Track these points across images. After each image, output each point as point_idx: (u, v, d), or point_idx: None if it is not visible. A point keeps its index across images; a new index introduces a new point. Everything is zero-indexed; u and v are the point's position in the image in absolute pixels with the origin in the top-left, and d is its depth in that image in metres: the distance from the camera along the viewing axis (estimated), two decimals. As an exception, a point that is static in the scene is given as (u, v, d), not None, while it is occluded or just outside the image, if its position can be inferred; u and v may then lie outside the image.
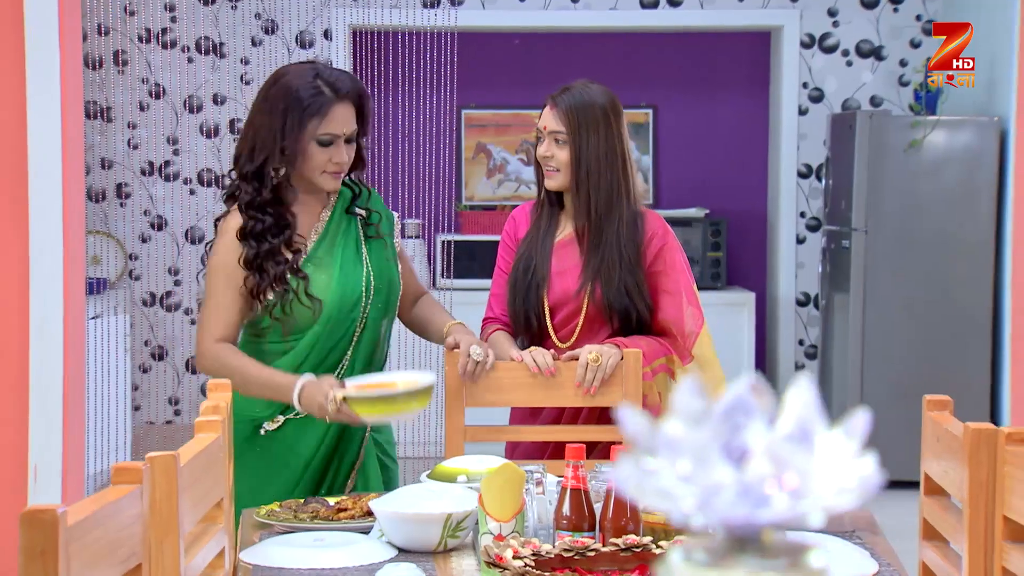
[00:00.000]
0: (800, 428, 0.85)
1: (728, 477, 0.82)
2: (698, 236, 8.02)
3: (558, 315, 3.67)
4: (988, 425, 2.28)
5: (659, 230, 3.65)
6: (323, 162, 3.41)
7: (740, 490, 0.82)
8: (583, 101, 3.59)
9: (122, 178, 8.02)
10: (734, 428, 0.84)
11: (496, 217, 8.22)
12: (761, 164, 8.52)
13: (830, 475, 0.85)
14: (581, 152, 3.58)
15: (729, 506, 0.82)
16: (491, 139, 8.54)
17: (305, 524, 2.97)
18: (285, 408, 3.45)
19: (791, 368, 8.28)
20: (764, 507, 0.83)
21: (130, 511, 2.01)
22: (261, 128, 3.41)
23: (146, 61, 7.98)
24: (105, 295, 7.46)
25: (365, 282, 3.49)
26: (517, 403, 3.59)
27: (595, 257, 3.61)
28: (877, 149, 7.30)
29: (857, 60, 8.18)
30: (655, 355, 3.58)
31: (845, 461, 0.86)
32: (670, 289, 3.62)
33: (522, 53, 8.47)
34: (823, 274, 7.85)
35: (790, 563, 0.84)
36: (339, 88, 3.42)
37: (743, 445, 0.84)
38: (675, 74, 8.53)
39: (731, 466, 0.83)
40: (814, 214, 8.22)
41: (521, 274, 3.71)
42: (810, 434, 0.85)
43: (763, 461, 0.83)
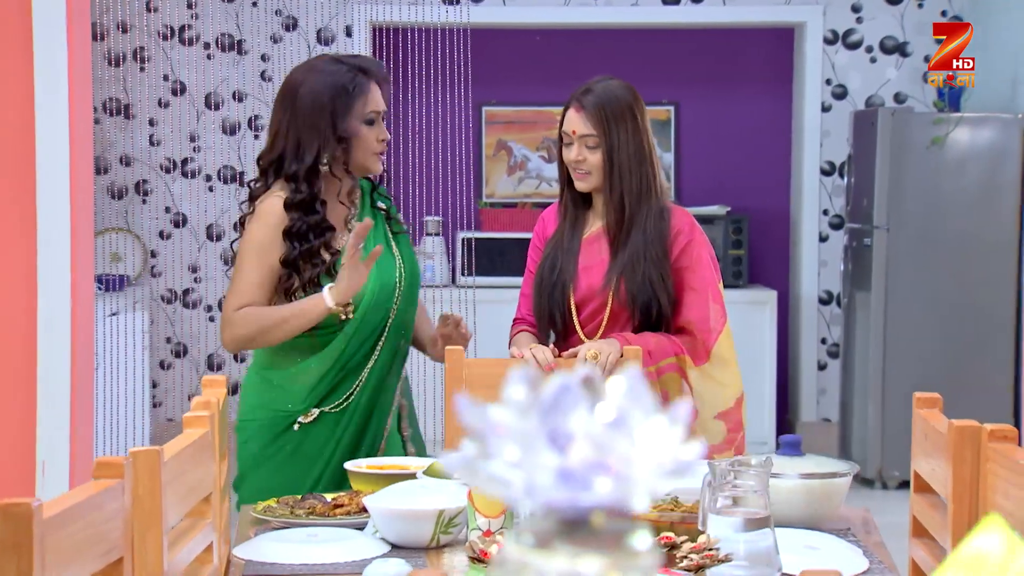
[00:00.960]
0: (621, 415, 0.89)
1: (551, 462, 0.86)
2: (720, 234, 8.03)
3: (584, 311, 3.69)
4: (972, 422, 2.29)
5: (685, 226, 3.66)
6: (373, 142, 3.52)
7: (563, 475, 0.86)
8: (608, 100, 3.59)
9: (143, 175, 8.08)
10: (558, 416, 0.87)
11: (517, 214, 8.25)
12: (784, 161, 8.53)
13: (652, 459, 0.89)
14: (613, 153, 3.59)
15: (553, 490, 0.86)
16: (512, 136, 8.56)
17: (301, 520, 3.00)
18: (320, 401, 3.54)
19: (813, 367, 8.28)
20: (587, 491, 0.87)
21: (111, 505, 2.05)
22: (305, 125, 3.49)
23: (167, 58, 8.04)
24: (125, 292, 7.53)
25: (398, 273, 3.60)
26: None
27: (623, 253, 3.63)
28: (899, 146, 7.30)
29: (881, 56, 8.17)
30: (663, 354, 3.58)
31: (667, 446, 0.90)
32: (695, 286, 3.63)
33: (542, 49, 8.49)
34: (845, 272, 7.84)
35: (613, 545, 0.88)
36: (367, 68, 3.56)
37: (567, 432, 0.87)
38: (697, 71, 8.54)
39: (555, 452, 0.86)
40: (837, 212, 8.22)
41: (547, 272, 3.74)
42: (630, 421, 0.88)
43: (584, 446, 0.87)
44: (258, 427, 3.57)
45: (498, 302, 7.66)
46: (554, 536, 0.88)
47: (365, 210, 3.65)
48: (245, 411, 3.62)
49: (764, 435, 7.89)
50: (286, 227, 3.48)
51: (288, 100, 3.53)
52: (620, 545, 0.88)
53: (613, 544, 0.88)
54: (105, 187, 8.03)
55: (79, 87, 4.24)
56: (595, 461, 0.86)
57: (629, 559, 0.87)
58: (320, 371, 3.54)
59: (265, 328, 3.44)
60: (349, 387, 3.56)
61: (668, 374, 3.59)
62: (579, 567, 0.85)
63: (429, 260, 8.05)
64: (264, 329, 3.44)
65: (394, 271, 3.60)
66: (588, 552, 0.87)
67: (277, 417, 3.54)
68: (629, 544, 0.89)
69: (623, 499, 0.88)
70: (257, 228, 3.51)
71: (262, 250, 3.49)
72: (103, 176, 8.03)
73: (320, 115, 3.49)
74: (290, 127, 3.52)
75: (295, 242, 3.47)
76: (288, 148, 3.51)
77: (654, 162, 3.64)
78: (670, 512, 2.78)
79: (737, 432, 3.62)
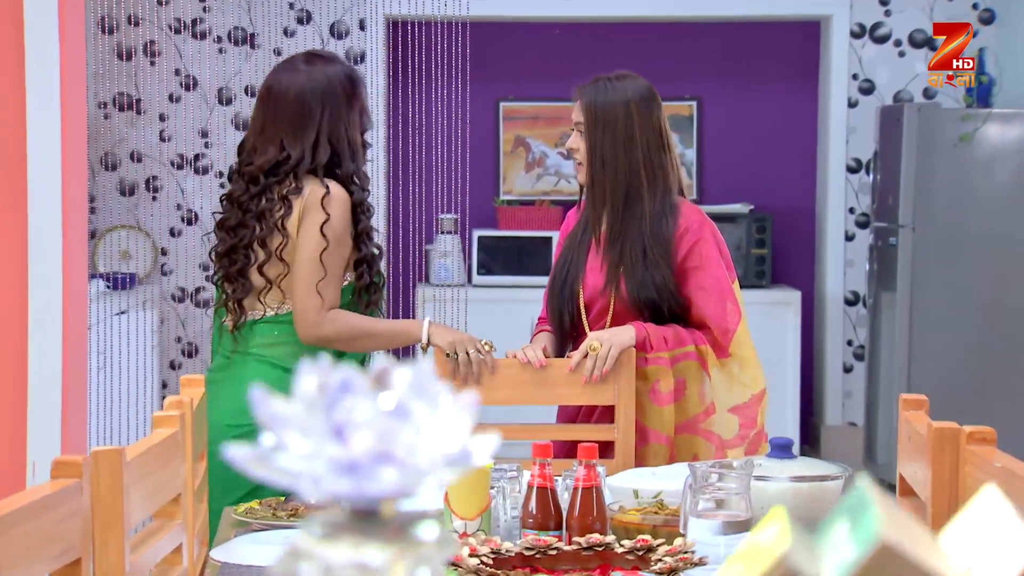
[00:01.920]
0: (403, 406, 0.91)
1: (336, 453, 0.88)
2: (743, 232, 8.03)
3: (592, 311, 3.72)
4: (951, 424, 2.30)
5: (693, 224, 3.67)
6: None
7: (347, 465, 0.88)
8: (605, 93, 3.63)
9: (153, 171, 8.13)
10: (341, 408, 0.90)
11: (534, 212, 8.26)
12: (809, 158, 8.52)
13: (436, 449, 0.91)
14: (596, 145, 3.63)
15: (338, 481, 0.88)
16: (530, 132, 8.58)
17: (283, 522, 3.03)
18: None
19: (839, 369, 8.27)
20: (371, 481, 0.89)
21: (67, 505, 2.07)
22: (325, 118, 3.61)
23: (177, 52, 8.09)
24: (135, 290, 7.57)
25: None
26: (509, 401, 3.63)
27: (614, 251, 3.65)
28: (926, 143, 7.28)
29: (910, 50, 8.15)
30: (681, 342, 3.60)
31: (452, 436, 0.92)
32: (705, 285, 3.64)
33: (562, 44, 8.51)
34: (870, 272, 7.83)
35: (398, 535, 0.90)
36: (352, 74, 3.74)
37: (350, 423, 0.89)
38: (720, 65, 8.54)
39: (338, 443, 0.88)
40: (863, 210, 8.20)
41: (559, 271, 3.78)
42: (414, 411, 0.91)
43: (367, 437, 0.89)
44: (252, 432, 3.60)
45: (515, 302, 7.70)
46: (342, 527, 0.90)
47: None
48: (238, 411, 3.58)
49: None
50: (352, 201, 3.60)
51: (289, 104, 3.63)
52: (405, 535, 0.90)
53: (400, 534, 0.90)
54: (115, 184, 8.09)
55: (72, 84, 4.28)
56: (379, 451, 0.88)
57: (415, 549, 0.90)
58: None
59: (356, 337, 3.60)
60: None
61: (685, 362, 3.60)
62: (364, 557, 0.87)
63: (444, 259, 8.07)
64: (355, 338, 3.59)
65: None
66: (374, 542, 0.89)
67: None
68: (416, 534, 0.92)
69: (409, 488, 0.91)
70: (338, 218, 3.58)
71: (343, 241, 3.60)
72: (112, 172, 8.08)
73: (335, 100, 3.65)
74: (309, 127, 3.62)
75: (364, 215, 3.64)
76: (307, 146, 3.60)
77: (656, 158, 3.65)
78: (654, 515, 2.80)
79: (750, 428, 3.63)
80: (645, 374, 3.59)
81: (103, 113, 8.03)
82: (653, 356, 3.57)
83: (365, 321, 3.62)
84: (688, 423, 3.62)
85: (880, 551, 0.89)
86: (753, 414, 3.63)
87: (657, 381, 3.58)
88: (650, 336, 3.58)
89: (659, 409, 3.58)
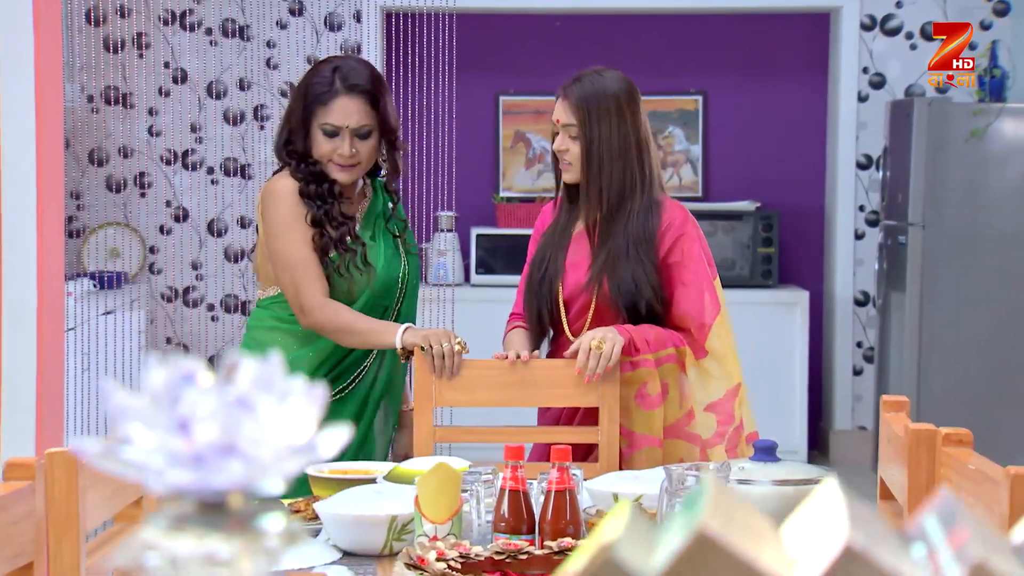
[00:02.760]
0: (246, 398, 0.93)
1: (180, 446, 0.91)
2: (748, 231, 8.04)
3: (572, 309, 3.75)
4: (927, 426, 2.31)
5: (676, 220, 3.72)
6: (328, 152, 3.72)
7: (191, 458, 0.91)
8: (594, 91, 3.66)
9: (142, 167, 8.15)
10: (184, 401, 0.92)
11: (534, 209, 8.27)
12: (817, 154, 8.52)
13: (281, 441, 0.94)
14: (592, 145, 3.66)
15: (182, 474, 0.91)
16: (530, 127, 8.60)
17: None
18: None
19: (848, 372, 8.27)
20: (215, 473, 0.92)
21: (19, 508, 2.09)
22: (288, 108, 3.82)
23: (168, 44, 8.11)
24: (124, 289, 7.60)
25: (402, 272, 3.84)
26: (491, 403, 3.66)
27: (603, 249, 3.68)
28: (936, 139, 7.28)
29: (922, 43, 8.15)
30: (662, 344, 3.63)
31: (298, 428, 0.95)
32: (686, 280, 3.68)
33: (563, 36, 8.52)
34: (879, 272, 7.84)
35: (242, 526, 0.93)
36: (349, 80, 3.72)
37: (194, 415, 0.92)
38: (726, 58, 8.55)
39: (183, 436, 0.91)
40: (873, 208, 8.20)
41: (536, 268, 3.81)
42: (258, 404, 0.93)
43: (210, 430, 0.91)
44: None
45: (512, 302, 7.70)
46: (188, 518, 0.93)
47: (371, 220, 3.85)
48: None
49: (795, 444, 7.90)
50: (298, 188, 3.70)
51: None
52: (248, 527, 0.93)
53: (245, 526, 0.93)
54: (103, 179, 8.11)
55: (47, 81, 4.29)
56: (223, 444, 0.91)
57: (259, 541, 0.93)
58: (316, 361, 3.76)
59: (341, 330, 3.68)
60: (349, 376, 3.79)
61: (667, 365, 3.64)
62: (208, 548, 0.90)
63: (442, 257, 8.09)
64: (340, 330, 3.68)
65: (398, 272, 3.83)
66: (218, 533, 0.92)
67: None
68: (261, 526, 0.94)
69: (254, 481, 0.93)
70: (283, 207, 3.72)
71: (300, 226, 3.70)
72: (101, 168, 8.10)
73: (289, 108, 3.82)
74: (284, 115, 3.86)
75: (318, 201, 3.71)
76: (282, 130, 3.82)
77: (643, 158, 3.69)
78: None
79: (727, 424, 3.65)
80: (632, 379, 3.61)
81: (92, 107, 8.05)
82: (640, 359, 3.60)
83: (350, 317, 3.68)
84: (673, 426, 3.64)
85: (698, 541, 0.91)
86: (729, 408, 3.66)
87: (644, 384, 3.60)
88: (635, 338, 3.60)
89: (647, 413, 3.60)
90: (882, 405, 2.64)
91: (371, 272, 3.74)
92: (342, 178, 3.72)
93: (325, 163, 3.73)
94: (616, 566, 0.96)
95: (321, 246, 3.70)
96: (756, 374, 7.70)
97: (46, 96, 4.29)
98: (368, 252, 3.77)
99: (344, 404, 3.76)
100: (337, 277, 3.72)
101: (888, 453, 2.55)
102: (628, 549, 0.96)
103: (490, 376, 3.65)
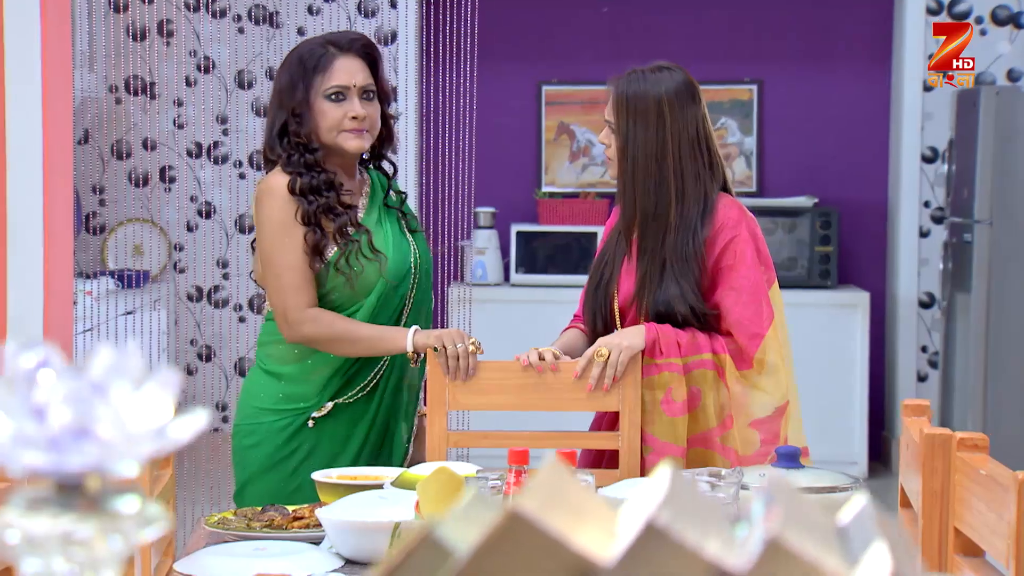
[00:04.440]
0: (101, 383, 1.01)
1: (36, 430, 0.98)
2: (807, 228, 8.07)
3: (628, 316, 3.79)
4: (943, 430, 2.35)
5: (730, 221, 3.72)
6: (339, 118, 3.76)
7: (46, 442, 0.99)
8: (635, 92, 3.70)
9: (167, 160, 8.26)
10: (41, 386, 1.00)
11: (578, 205, 8.33)
12: (880, 147, 8.53)
13: (135, 426, 1.01)
14: (628, 145, 3.70)
15: (38, 457, 0.99)
16: (575, 118, 8.65)
17: (256, 533, 3.12)
18: (334, 393, 3.79)
19: (912, 378, 8.26)
20: (70, 456, 1.00)
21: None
22: (273, 104, 3.81)
23: (194, 32, 8.21)
24: (146, 289, 7.69)
25: (413, 258, 3.88)
26: (505, 407, 3.71)
27: (643, 263, 3.73)
28: (1005, 130, 7.28)
29: (992, 29, 8.15)
30: (697, 349, 3.65)
31: (152, 413, 1.02)
32: (735, 286, 3.69)
33: (610, 21, 8.56)
34: (944, 272, 7.84)
35: (96, 507, 1.01)
36: (341, 43, 3.80)
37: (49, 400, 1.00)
38: (783, 45, 8.56)
39: (38, 420, 0.99)
40: (939, 204, 8.20)
41: (596, 271, 3.87)
42: (112, 389, 1.01)
43: (65, 413, 0.99)
44: (268, 430, 3.79)
45: (556, 303, 7.74)
46: (45, 500, 1.01)
47: (375, 205, 3.88)
48: (250, 413, 3.84)
49: (854, 455, 7.91)
50: (290, 185, 3.70)
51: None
52: (102, 508, 1.01)
53: (99, 507, 1.01)
54: (126, 173, 8.22)
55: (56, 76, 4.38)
56: (77, 428, 0.99)
57: (114, 521, 1.01)
58: (337, 363, 3.77)
59: (336, 338, 3.72)
60: (364, 378, 3.82)
61: (701, 371, 3.65)
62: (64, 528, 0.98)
63: (480, 256, 8.15)
64: (335, 339, 3.72)
65: (409, 255, 3.87)
66: (73, 514, 1.00)
67: (290, 417, 3.79)
68: (116, 507, 1.02)
69: (109, 463, 1.01)
70: (272, 208, 3.73)
71: (288, 228, 3.71)
72: (124, 162, 8.21)
73: (281, 92, 3.79)
74: (269, 108, 3.85)
75: (310, 196, 3.70)
76: (267, 129, 3.83)
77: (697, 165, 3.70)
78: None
79: (772, 444, 3.65)
80: (656, 383, 3.65)
81: (114, 98, 8.17)
82: (664, 362, 3.63)
83: (348, 324, 3.73)
84: (703, 436, 3.66)
85: (509, 518, 0.97)
86: (776, 428, 3.66)
87: (670, 390, 3.63)
88: (660, 340, 3.63)
89: (672, 420, 3.64)
90: (903, 409, 2.69)
91: (382, 259, 3.76)
92: (355, 145, 3.77)
93: (336, 136, 3.75)
94: (435, 544, 1.06)
95: (314, 244, 3.70)
96: (814, 380, 7.72)
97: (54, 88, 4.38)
98: (374, 238, 3.78)
99: (363, 408, 3.82)
100: (339, 279, 3.73)
101: (906, 459, 2.59)
102: (455, 529, 1.04)
103: (506, 379, 3.70)
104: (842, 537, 1.04)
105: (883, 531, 1.00)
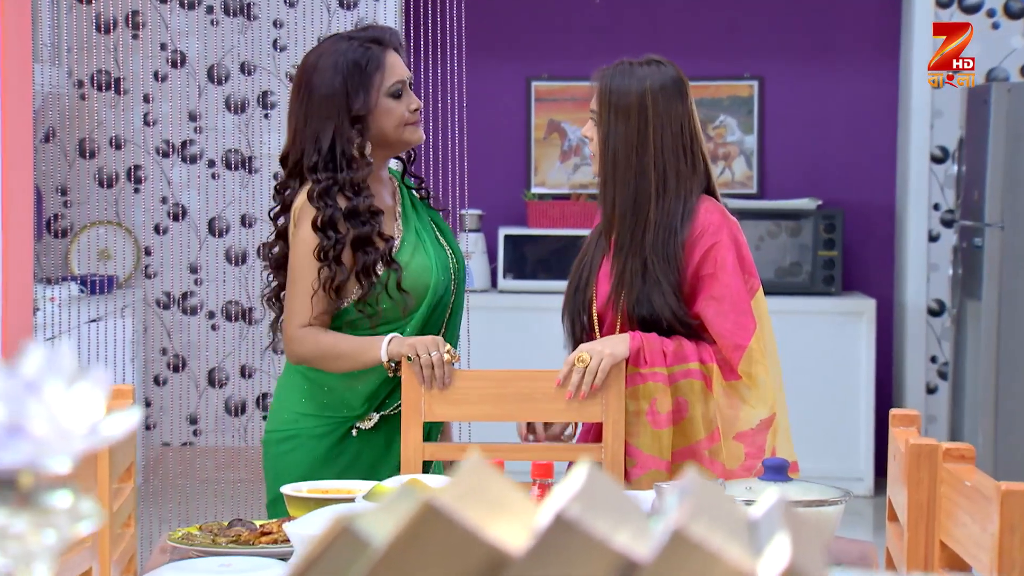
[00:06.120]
0: (34, 381, 1.08)
1: None
2: (809, 232, 8.11)
3: (604, 324, 3.83)
4: (930, 440, 2.40)
5: (710, 226, 3.77)
6: (402, 113, 3.87)
7: None
8: (619, 85, 3.76)
9: (135, 159, 8.29)
10: None
11: (569, 207, 8.37)
12: (887, 146, 8.58)
13: (68, 423, 1.08)
14: (608, 137, 3.76)
15: None
16: (566, 116, 8.69)
17: (220, 548, 3.16)
18: (380, 405, 3.88)
19: (920, 390, 8.29)
20: (3, 452, 1.12)
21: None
22: (319, 113, 3.84)
23: (164, 24, 8.25)
24: (113, 295, 7.72)
25: (452, 265, 3.99)
26: (484, 417, 3.77)
27: (619, 262, 3.77)
28: (1017, 128, 7.32)
29: (1005, 22, 8.19)
30: (683, 358, 3.70)
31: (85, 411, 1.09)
32: (716, 295, 3.74)
33: (604, 15, 8.61)
34: (954, 278, 7.88)
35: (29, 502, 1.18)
36: (380, 38, 3.89)
37: None
38: (786, 40, 8.61)
39: None
40: (950, 206, 8.24)
41: (575, 273, 3.92)
42: (45, 386, 1.07)
43: None
44: (308, 437, 3.88)
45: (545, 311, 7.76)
46: None
47: (410, 222, 3.97)
48: (287, 419, 3.92)
49: (860, 471, 7.96)
50: (312, 219, 3.78)
51: (303, 90, 3.88)
52: (40, 504, 1.11)
53: (32, 502, 1.09)
54: (92, 173, 8.25)
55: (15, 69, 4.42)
56: (10, 425, 1.06)
57: (47, 516, 1.08)
58: (383, 374, 3.83)
59: (323, 356, 3.82)
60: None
61: (687, 380, 3.70)
62: None
63: (466, 260, 8.18)
64: (322, 357, 3.82)
65: (448, 262, 3.97)
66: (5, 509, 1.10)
67: (332, 424, 3.89)
68: (47, 503, 1.19)
69: (41, 460, 1.16)
70: (307, 231, 3.80)
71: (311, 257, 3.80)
72: (90, 161, 8.24)
73: (333, 99, 3.83)
74: (307, 118, 3.87)
75: (330, 231, 3.77)
76: (308, 141, 3.85)
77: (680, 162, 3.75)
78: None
79: (757, 458, 3.69)
80: (640, 393, 3.69)
81: (80, 93, 8.19)
82: (648, 372, 3.68)
83: (330, 339, 3.82)
84: (690, 449, 3.71)
85: (423, 511, 1.04)
86: (761, 442, 3.71)
87: (654, 400, 3.68)
88: (645, 348, 3.68)
89: (656, 432, 3.68)
90: (891, 419, 2.74)
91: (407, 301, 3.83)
92: (418, 136, 3.90)
93: (402, 131, 3.85)
94: (352, 536, 1.14)
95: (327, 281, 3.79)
96: (817, 392, 7.77)
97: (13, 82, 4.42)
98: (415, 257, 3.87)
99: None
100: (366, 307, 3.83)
101: (893, 471, 2.64)
102: (373, 522, 1.11)
103: (483, 388, 3.76)
104: (752, 530, 1.10)
105: (789, 524, 1.06)
